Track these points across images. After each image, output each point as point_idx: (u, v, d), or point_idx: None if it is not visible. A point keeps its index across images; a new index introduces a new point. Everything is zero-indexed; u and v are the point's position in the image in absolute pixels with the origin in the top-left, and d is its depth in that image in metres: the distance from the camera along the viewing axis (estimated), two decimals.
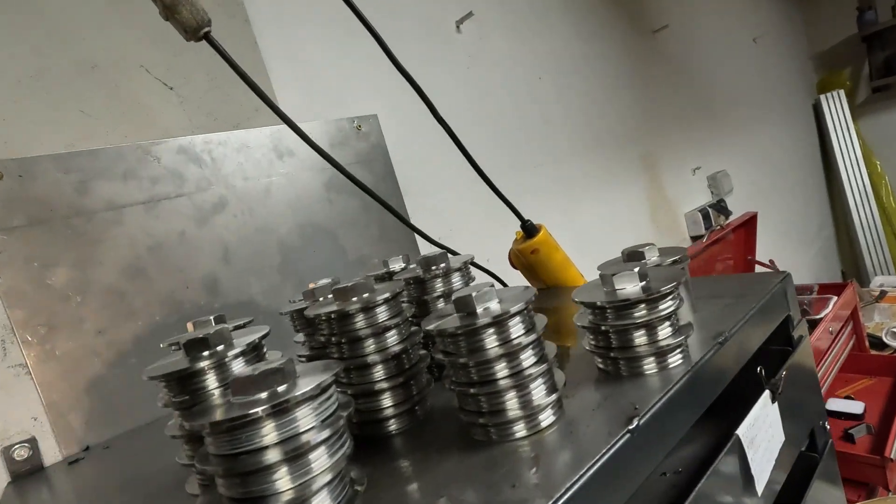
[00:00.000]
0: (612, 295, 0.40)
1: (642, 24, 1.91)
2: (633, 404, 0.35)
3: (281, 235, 0.85)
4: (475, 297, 0.36)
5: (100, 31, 0.72)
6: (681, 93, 2.12)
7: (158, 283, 0.72)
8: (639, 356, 0.40)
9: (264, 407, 0.27)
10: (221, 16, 0.84)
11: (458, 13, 1.20)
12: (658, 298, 0.38)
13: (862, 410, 1.52)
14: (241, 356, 0.37)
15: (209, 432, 0.27)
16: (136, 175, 0.72)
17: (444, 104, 1.21)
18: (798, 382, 0.53)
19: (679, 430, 0.37)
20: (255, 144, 0.83)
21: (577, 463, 0.30)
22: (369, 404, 0.42)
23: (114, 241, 0.69)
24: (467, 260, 0.53)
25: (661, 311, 0.39)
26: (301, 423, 0.28)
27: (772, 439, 0.43)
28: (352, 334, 0.41)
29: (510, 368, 0.35)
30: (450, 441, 0.38)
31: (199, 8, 0.48)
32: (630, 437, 0.32)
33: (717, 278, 0.59)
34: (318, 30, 0.98)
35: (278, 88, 0.90)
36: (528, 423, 0.35)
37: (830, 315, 1.66)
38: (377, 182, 0.99)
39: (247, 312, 0.79)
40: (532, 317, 0.37)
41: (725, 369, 0.43)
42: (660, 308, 0.39)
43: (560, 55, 1.50)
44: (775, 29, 3.15)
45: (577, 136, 1.52)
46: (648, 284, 0.39)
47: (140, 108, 0.75)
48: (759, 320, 0.49)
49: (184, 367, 0.35)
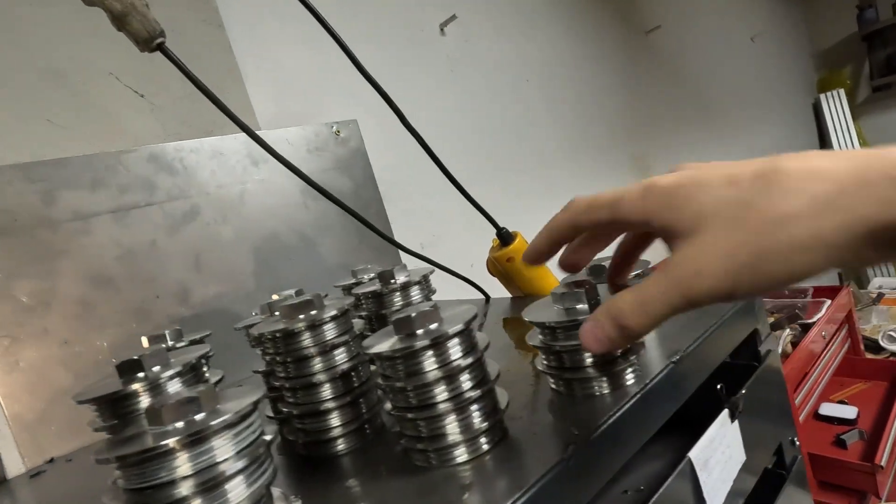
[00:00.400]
0: (561, 314, 0.39)
1: (634, 25, 1.90)
2: (574, 430, 0.34)
3: (255, 243, 0.84)
4: (414, 319, 0.35)
5: (67, 38, 0.71)
6: (676, 94, 2.10)
7: (127, 293, 0.71)
8: (589, 377, 0.39)
9: (176, 438, 0.26)
10: (194, 20, 0.83)
11: (441, 16, 1.19)
12: None
13: (855, 415, 1.51)
14: (178, 377, 0.37)
15: (118, 466, 0.26)
16: (105, 184, 0.71)
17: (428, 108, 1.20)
18: (766, 397, 0.52)
19: (626, 452, 0.36)
20: (229, 151, 0.83)
21: (508, 492, 0.30)
22: (316, 424, 0.41)
23: (81, 252, 0.68)
24: (427, 273, 0.52)
25: None
26: (217, 452, 0.27)
27: (730, 460, 0.42)
28: (297, 353, 0.40)
29: (449, 392, 0.34)
30: (396, 462, 0.37)
31: (150, 19, 0.47)
32: (564, 465, 0.31)
33: None
34: (296, 34, 0.98)
35: (254, 95, 0.89)
36: (469, 448, 0.35)
37: (824, 319, 1.64)
38: (357, 188, 0.98)
39: (220, 322, 0.79)
40: (473, 337, 0.36)
41: (682, 387, 0.42)
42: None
43: (548, 57, 1.49)
44: (774, 27, 3.12)
45: (565, 139, 1.50)
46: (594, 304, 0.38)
47: (109, 116, 0.74)
48: (722, 335, 0.48)
49: (114, 391, 0.34)
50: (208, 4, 0.85)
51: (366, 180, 0.99)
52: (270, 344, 0.41)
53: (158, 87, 0.78)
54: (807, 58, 3.57)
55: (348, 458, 0.41)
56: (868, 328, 2.11)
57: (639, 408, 0.37)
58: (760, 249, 0.23)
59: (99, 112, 0.73)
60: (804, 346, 1.50)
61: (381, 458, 0.39)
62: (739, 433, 0.45)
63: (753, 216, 0.24)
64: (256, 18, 0.93)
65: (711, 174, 0.26)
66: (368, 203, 1.00)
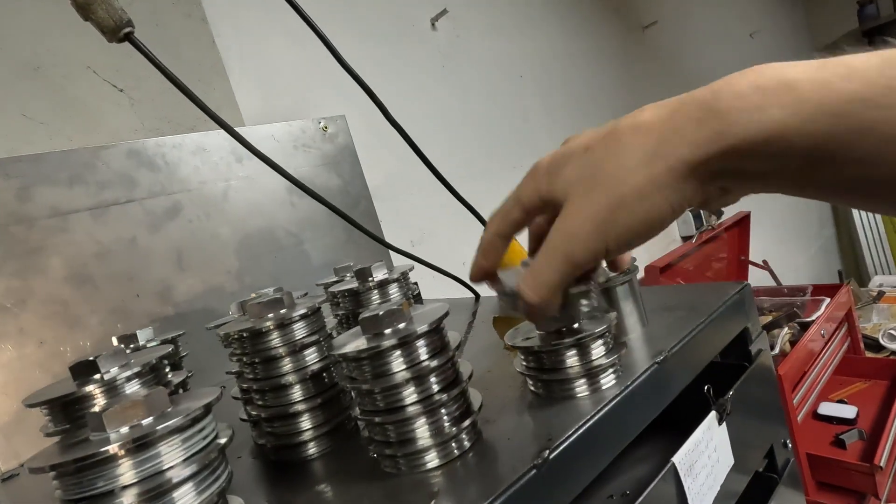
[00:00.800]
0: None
1: (631, 20, 1.87)
2: (549, 434, 0.32)
3: (240, 240, 0.82)
4: (382, 318, 0.33)
5: (43, 32, 0.69)
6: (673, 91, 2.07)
7: (106, 291, 0.70)
8: (569, 378, 0.37)
9: (116, 445, 0.24)
10: (177, 14, 0.81)
11: (432, 10, 1.17)
12: None
13: (855, 415, 1.49)
14: (137, 378, 0.35)
15: (55, 476, 0.25)
16: (83, 180, 0.69)
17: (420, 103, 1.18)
18: (757, 398, 0.50)
19: (605, 457, 0.35)
20: (212, 147, 0.81)
21: (477, 499, 0.28)
22: (286, 427, 0.40)
23: (58, 249, 0.67)
24: (405, 270, 0.50)
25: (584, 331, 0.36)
26: (164, 459, 0.26)
27: (717, 463, 0.41)
28: (265, 354, 0.39)
29: (418, 394, 0.32)
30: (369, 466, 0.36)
31: (116, 7, 0.45)
32: (536, 472, 0.29)
33: (675, 288, 0.56)
34: (282, 28, 0.96)
35: (239, 90, 0.88)
36: (440, 453, 0.33)
37: (823, 317, 1.62)
38: (344, 184, 0.97)
39: (203, 321, 0.77)
40: (444, 336, 0.34)
41: (666, 389, 0.40)
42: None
43: (543, 52, 1.47)
44: (774, 23, 3.09)
45: (559, 136, 1.49)
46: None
47: (87, 110, 0.72)
48: (710, 334, 0.46)
49: (66, 393, 0.32)
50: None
51: (354, 177, 0.98)
52: (238, 344, 0.40)
53: (138, 82, 0.76)
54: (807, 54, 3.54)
55: (319, 462, 0.39)
56: (868, 326, 2.09)
57: (619, 411, 0.36)
58: (612, 204, 0.26)
59: (77, 107, 0.72)
60: (803, 344, 1.48)
61: (352, 462, 0.38)
62: (727, 436, 0.43)
63: (603, 176, 0.26)
64: (241, 12, 0.91)
65: (575, 144, 0.28)
66: (357, 200, 0.98)
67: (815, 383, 1.55)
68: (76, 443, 0.27)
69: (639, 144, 0.25)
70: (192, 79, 0.81)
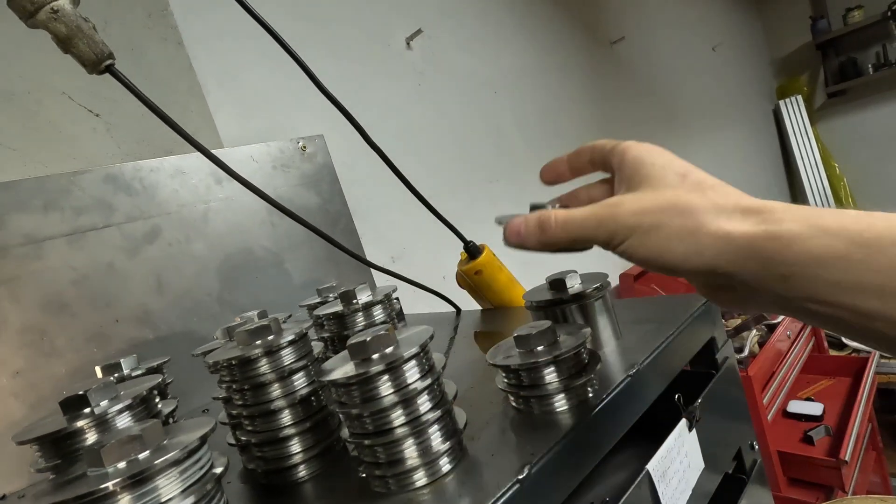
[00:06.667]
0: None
1: (600, 36, 1.94)
2: (530, 449, 0.34)
3: (220, 263, 0.82)
4: (369, 343, 0.34)
5: (16, 58, 0.69)
6: (642, 102, 2.16)
7: (84, 318, 0.69)
8: (548, 394, 0.39)
9: (116, 480, 0.25)
10: (153, 38, 0.82)
11: (407, 30, 1.20)
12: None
13: (821, 412, 1.55)
14: (128, 410, 0.35)
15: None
16: (58, 206, 0.69)
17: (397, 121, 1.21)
18: (724, 403, 0.53)
19: (584, 468, 0.37)
20: (190, 170, 0.81)
21: None
22: (276, 451, 0.41)
23: (33, 277, 0.66)
24: (389, 292, 0.52)
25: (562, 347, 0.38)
26: (162, 492, 0.27)
27: (688, 468, 0.43)
28: (254, 380, 0.40)
29: (406, 416, 0.34)
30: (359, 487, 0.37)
31: (97, 41, 0.46)
32: (520, 486, 0.31)
33: (645, 300, 0.59)
34: (259, 50, 0.97)
35: (217, 112, 0.88)
36: (428, 471, 0.34)
37: (788, 318, 1.69)
38: (324, 203, 0.97)
39: (184, 346, 0.77)
40: (429, 359, 0.36)
41: (640, 399, 0.43)
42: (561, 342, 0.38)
43: (516, 69, 1.51)
44: (734, 37, 3.24)
45: (534, 149, 1.53)
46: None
47: (62, 136, 0.72)
48: (679, 345, 0.49)
49: (57, 429, 0.33)
50: (167, 22, 0.84)
51: (333, 195, 0.99)
52: (227, 371, 0.40)
53: (114, 106, 0.76)
54: (766, 66, 3.72)
55: (309, 484, 0.40)
56: None
57: (597, 422, 0.38)
58: (658, 224, 0.29)
59: (51, 132, 0.71)
60: (771, 345, 1.54)
61: (342, 483, 0.39)
62: (697, 442, 0.45)
63: (675, 203, 0.29)
64: (217, 36, 0.92)
65: (678, 163, 0.31)
66: (337, 218, 0.99)
67: (783, 382, 1.61)
68: (73, 479, 0.27)
69: (716, 201, 0.28)
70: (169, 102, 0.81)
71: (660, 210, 0.29)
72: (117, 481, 0.25)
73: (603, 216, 0.30)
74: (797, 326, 1.75)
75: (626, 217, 0.30)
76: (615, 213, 0.30)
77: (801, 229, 0.25)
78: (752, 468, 0.53)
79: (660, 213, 0.29)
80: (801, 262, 0.25)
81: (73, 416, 0.34)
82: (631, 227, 0.29)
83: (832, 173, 3.60)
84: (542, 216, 0.33)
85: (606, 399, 0.39)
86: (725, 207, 0.28)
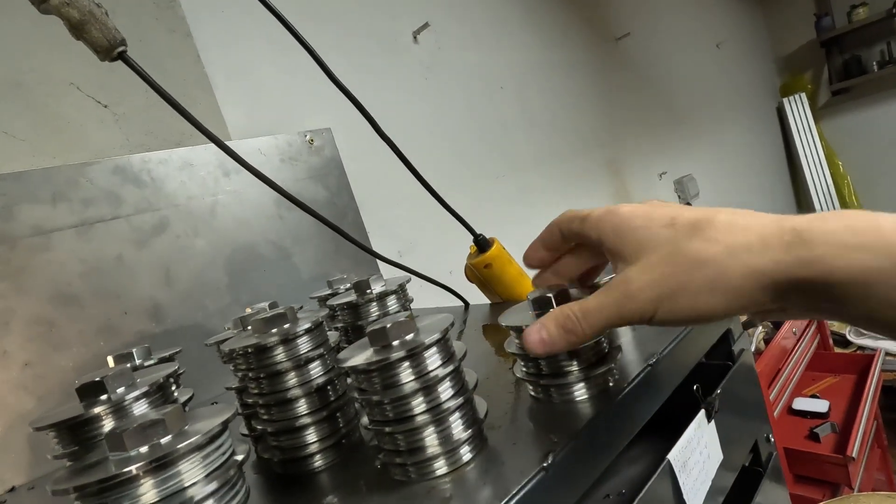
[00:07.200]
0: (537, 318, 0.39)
1: (605, 32, 1.93)
2: (553, 437, 0.33)
3: (228, 255, 0.82)
4: (389, 329, 0.34)
5: (24, 49, 0.68)
6: (646, 99, 2.15)
7: (93, 310, 0.69)
8: (568, 383, 0.39)
9: (139, 464, 0.25)
10: (161, 30, 0.81)
11: (414, 24, 1.19)
12: None
13: (827, 409, 1.55)
14: (145, 398, 0.35)
15: (77, 497, 0.25)
16: (67, 198, 0.68)
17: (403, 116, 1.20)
18: (741, 395, 0.53)
19: (606, 457, 0.36)
20: (199, 162, 0.81)
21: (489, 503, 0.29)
22: (292, 441, 0.40)
23: (41, 268, 0.66)
24: (403, 283, 0.51)
25: None
26: (185, 477, 0.26)
27: (708, 459, 0.43)
28: (270, 369, 0.39)
29: (427, 403, 0.33)
30: (376, 477, 0.36)
31: (110, 27, 0.45)
32: (544, 474, 0.30)
33: None
34: (266, 42, 0.96)
35: (225, 104, 0.88)
36: (448, 460, 0.34)
37: None
38: (331, 196, 0.97)
39: (192, 338, 0.76)
40: (450, 346, 0.35)
41: (659, 390, 0.42)
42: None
43: (522, 64, 1.50)
44: (739, 34, 3.23)
45: (539, 145, 1.52)
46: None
47: (70, 127, 0.71)
48: (695, 337, 0.48)
49: (74, 415, 0.32)
50: (175, 13, 0.83)
51: (341, 189, 0.98)
52: (242, 360, 0.40)
53: (122, 97, 0.75)
54: (770, 63, 3.71)
55: (326, 474, 0.40)
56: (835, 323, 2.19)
57: (618, 412, 0.37)
58: (678, 285, 0.27)
59: (60, 123, 0.71)
60: (776, 342, 1.54)
61: (359, 473, 0.38)
62: (716, 433, 0.45)
63: (680, 256, 0.27)
64: (226, 27, 0.91)
65: (659, 212, 0.30)
66: (344, 212, 0.99)
67: (789, 379, 1.61)
68: (94, 463, 0.27)
69: (725, 242, 0.26)
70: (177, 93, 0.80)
71: (672, 273, 0.27)
72: (140, 465, 0.25)
73: (619, 299, 0.29)
74: (802, 324, 1.75)
75: (643, 292, 0.28)
76: (630, 293, 0.29)
77: (837, 251, 0.24)
78: (769, 461, 0.53)
79: (675, 276, 0.27)
80: (847, 283, 0.23)
81: (89, 403, 0.34)
82: (653, 299, 0.28)
83: (836, 171, 3.59)
84: (560, 318, 0.32)
85: (627, 388, 0.38)
86: (737, 243, 0.26)
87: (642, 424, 0.39)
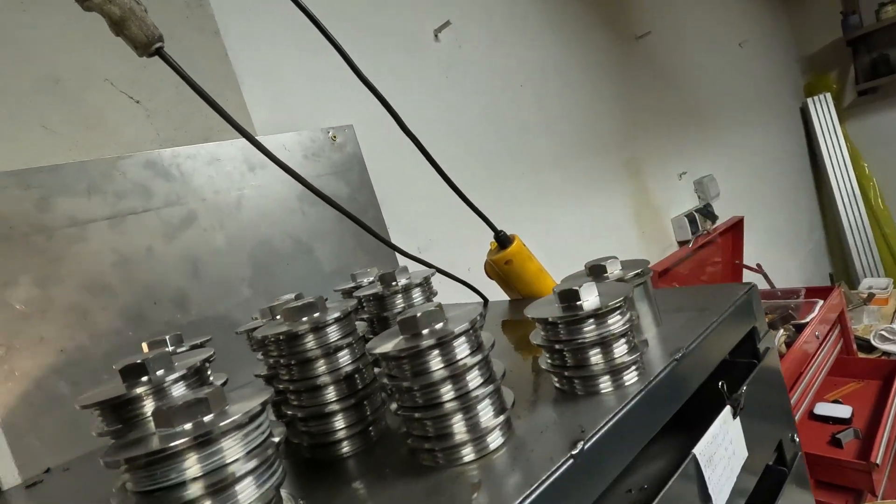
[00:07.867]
0: (563, 311, 0.39)
1: (625, 31, 1.92)
2: (581, 427, 0.34)
3: (252, 249, 0.84)
4: (419, 318, 0.35)
5: (62, 46, 0.71)
6: (666, 98, 2.13)
7: (124, 299, 0.71)
8: (593, 375, 0.39)
9: (184, 440, 0.26)
10: (190, 28, 0.83)
11: (435, 22, 1.20)
12: (607, 313, 0.38)
13: (850, 415, 1.52)
14: (182, 380, 0.36)
15: (127, 469, 0.26)
16: (101, 190, 0.71)
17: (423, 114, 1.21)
18: (765, 394, 0.52)
19: (632, 449, 0.36)
20: (225, 157, 0.82)
21: (517, 490, 0.30)
22: (321, 427, 0.41)
23: (76, 258, 0.68)
24: (428, 275, 0.52)
25: (612, 326, 0.38)
26: (227, 454, 0.27)
27: (733, 456, 0.43)
28: (301, 356, 0.40)
29: (456, 391, 0.34)
30: (402, 463, 0.37)
31: (148, 24, 0.47)
32: (573, 462, 0.31)
33: (684, 290, 0.59)
34: (292, 41, 0.98)
35: (250, 101, 0.89)
36: (476, 447, 0.35)
37: (817, 319, 1.65)
38: (353, 193, 0.98)
39: (218, 328, 0.78)
40: (478, 336, 0.36)
41: (684, 385, 0.42)
42: (610, 323, 0.38)
43: (542, 62, 1.50)
44: (762, 33, 3.17)
45: (558, 144, 1.52)
46: (599, 300, 0.38)
47: (105, 122, 0.74)
48: (721, 333, 0.48)
49: (118, 395, 0.33)
50: (204, 11, 0.85)
51: (362, 185, 0.99)
52: (274, 346, 0.41)
53: (153, 93, 0.77)
54: (794, 63, 3.63)
55: (353, 460, 0.41)
56: (860, 328, 2.14)
57: (643, 405, 0.38)
58: None
59: (94, 118, 0.73)
60: (798, 346, 1.51)
61: (386, 459, 0.39)
62: (741, 430, 0.45)
63: None
64: (252, 25, 0.93)
65: None
66: (365, 208, 1.00)
67: (810, 384, 1.58)
68: (139, 439, 0.28)
69: None
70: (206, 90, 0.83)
71: None
72: (186, 440, 0.26)
73: None
74: (825, 328, 1.71)
75: None
76: None
77: None
78: (794, 461, 0.53)
79: None
80: None
81: (132, 384, 0.35)
82: None
83: (861, 173, 3.51)
84: None
85: (653, 382, 0.39)
86: None
87: (668, 418, 0.39)
